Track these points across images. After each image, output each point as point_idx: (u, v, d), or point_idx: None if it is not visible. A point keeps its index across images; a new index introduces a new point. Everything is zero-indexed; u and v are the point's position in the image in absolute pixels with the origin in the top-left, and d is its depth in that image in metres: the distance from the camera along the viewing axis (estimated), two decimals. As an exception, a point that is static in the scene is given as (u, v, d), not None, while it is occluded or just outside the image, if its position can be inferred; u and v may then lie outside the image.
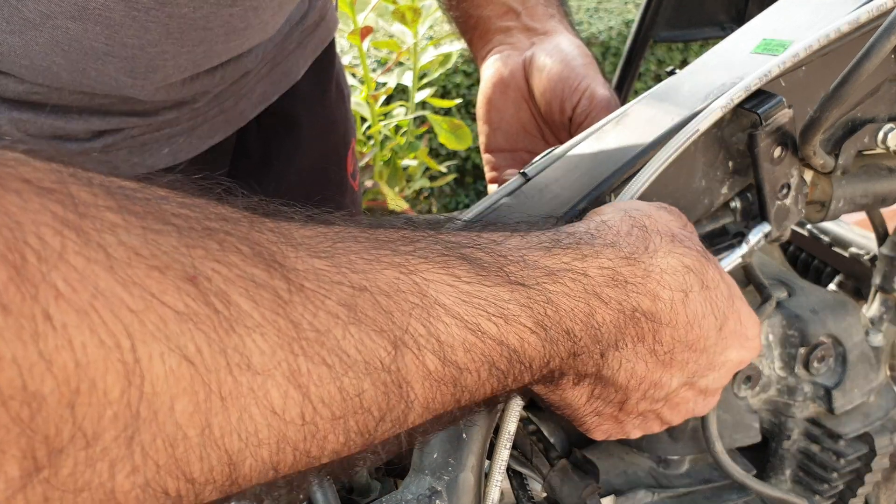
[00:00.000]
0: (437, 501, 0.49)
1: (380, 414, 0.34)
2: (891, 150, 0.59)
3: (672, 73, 0.61)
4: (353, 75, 2.17)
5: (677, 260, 0.45)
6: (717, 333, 0.47)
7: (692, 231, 0.49)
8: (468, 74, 2.61)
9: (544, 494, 0.60)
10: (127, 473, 0.26)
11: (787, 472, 0.69)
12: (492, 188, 0.80)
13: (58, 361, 0.24)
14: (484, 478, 0.52)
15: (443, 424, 0.40)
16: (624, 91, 1.32)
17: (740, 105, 0.53)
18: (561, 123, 0.77)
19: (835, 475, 0.67)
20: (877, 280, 0.71)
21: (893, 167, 0.63)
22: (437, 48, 2.02)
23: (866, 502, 0.74)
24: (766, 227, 0.57)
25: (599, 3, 3.06)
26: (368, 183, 2.05)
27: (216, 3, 0.61)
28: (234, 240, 0.30)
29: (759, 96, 0.53)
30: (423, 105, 2.25)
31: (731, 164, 0.56)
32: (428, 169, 2.25)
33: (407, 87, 2.06)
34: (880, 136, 0.59)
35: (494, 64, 0.82)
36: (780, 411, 0.66)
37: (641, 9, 1.19)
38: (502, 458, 0.50)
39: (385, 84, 2.11)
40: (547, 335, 0.40)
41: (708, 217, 0.58)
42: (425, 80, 2.07)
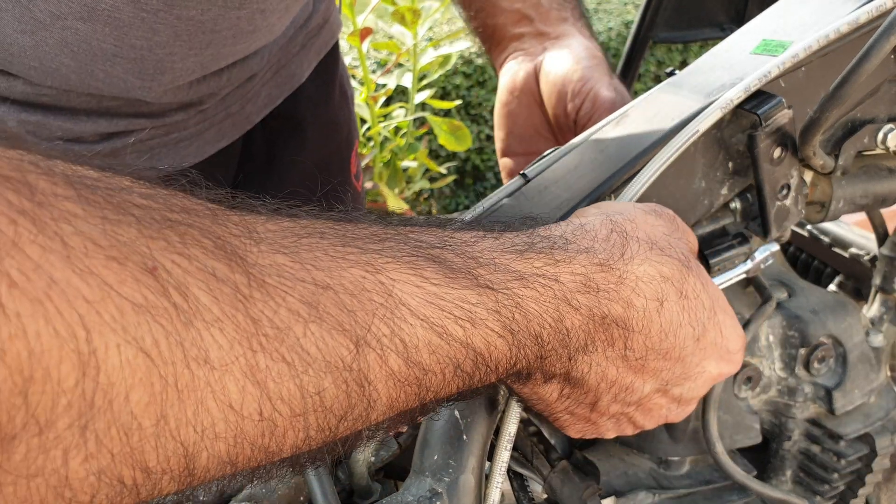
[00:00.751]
0: (438, 503, 0.49)
1: (341, 412, 0.34)
2: (890, 150, 0.59)
3: (672, 73, 0.61)
4: (353, 77, 2.16)
5: (654, 268, 0.45)
6: (694, 344, 0.47)
7: (682, 236, 0.49)
8: (468, 76, 2.61)
9: (545, 496, 0.60)
10: (81, 461, 0.27)
11: (788, 473, 0.69)
12: None
13: (11, 350, 0.24)
14: (484, 479, 0.52)
15: (407, 421, 0.40)
16: (624, 92, 1.31)
17: (740, 106, 0.53)
18: (567, 126, 0.78)
19: (835, 476, 0.66)
20: (877, 280, 0.71)
21: (893, 168, 0.63)
22: (436, 49, 2.02)
23: (867, 503, 0.74)
24: (773, 247, 0.57)
25: (599, 3, 3.06)
26: (368, 184, 2.05)
27: (224, 6, 0.62)
28: (196, 232, 0.30)
29: (758, 97, 0.53)
30: (423, 106, 2.26)
31: (730, 164, 0.56)
32: (428, 170, 2.25)
33: (406, 88, 2.06)
34: (880, 136, 0.59)
35: (509, 71, 0.84)
36: (781, 412, 0.66)
37: (641, 9, 1.19)
38: (503, 459, 0.50)
39: (385, 85, 2.10)
40: (514, 339, 0.40)
41: (708, 218, 0.58)
42: (425, 82, 2.07)
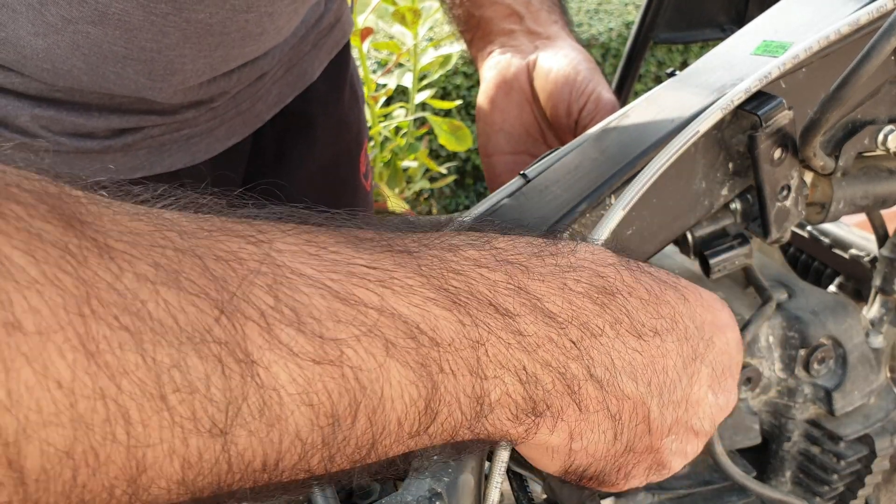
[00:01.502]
0: (437, 503, 0.49)
1: (224, 400, 0.29)
2: (891, 151, 0.59)
3: (672, 74, 0.61)
4: (354, 76, 2.16)
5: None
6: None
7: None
8: (468, 76, 2.61)
9: (544, 496, 0.60)
10: None
11: (787, 474, 0.69)
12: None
13: None
14: (484, 479, 0.51)
15: (364, 445, 0.34)
16: (624, 92, 1.31)
17: (740, 107, 0.53)
18: (567, 126, 0.77)
19: (835, 477, 0.66)
20: (877, 282, 0.70)
21: (894, 169, 0.63)
22: (437, 49, 2.02)
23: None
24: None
25: (599, 4, 3.06)
26: (369, 184, 2.05)
27: (232, 9, 0.62)
28: (19, 191, 0.27)
29: (759, 98, 0.53)
30: (423, 106, 2.25)
31: (731, 165, 0.56)
32: (428, 170, 2.25)
33: (407, 88, 2.06)
34: (880, 137, 0.59)
35: (497, 65, 0.81)
36: (781, 413, 0.66)
37: (641, 10, 1.19)
38: (502, 459, 0.50)
39: (385, 85, 2.10)
40: (464, 311, 0.35)
41: (708, 219, 0.58)
42: (425, 82, 2.07)
